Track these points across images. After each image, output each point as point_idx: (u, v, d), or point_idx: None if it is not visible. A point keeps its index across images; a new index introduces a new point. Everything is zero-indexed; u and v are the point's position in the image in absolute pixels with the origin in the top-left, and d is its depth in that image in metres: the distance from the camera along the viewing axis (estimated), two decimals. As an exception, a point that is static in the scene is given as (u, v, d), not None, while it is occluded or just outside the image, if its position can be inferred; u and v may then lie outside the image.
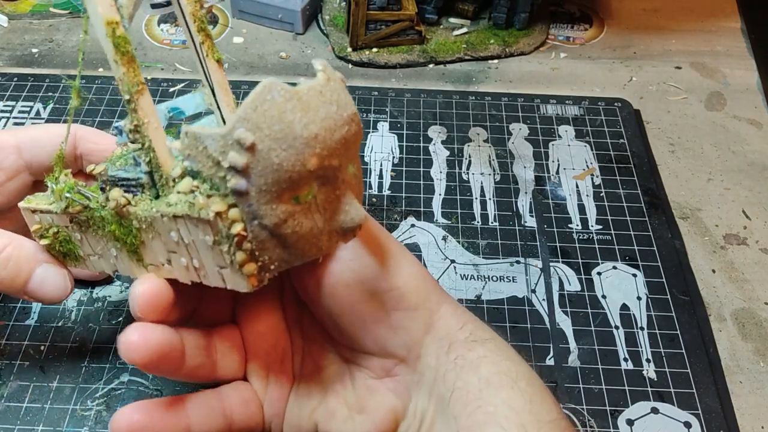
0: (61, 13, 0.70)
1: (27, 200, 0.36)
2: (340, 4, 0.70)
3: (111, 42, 0.29)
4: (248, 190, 0.28)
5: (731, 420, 0.42)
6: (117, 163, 0.32)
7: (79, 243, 0.36)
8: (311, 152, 0.28)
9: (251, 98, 0.27)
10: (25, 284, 0.36)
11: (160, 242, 0.32)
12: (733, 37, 0.70)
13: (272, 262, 0.30)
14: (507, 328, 0.46)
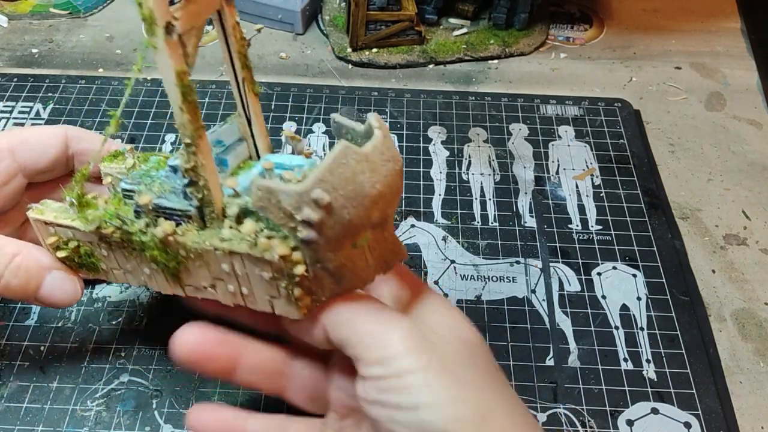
0: (61, 13, 0.70)
1: (37, 210, 0.37)
2: (340, 5, 0.70)
3: (179, 90, 0.31)
4: (317, 241, 0.30)
5: (731, 420, 0.42)
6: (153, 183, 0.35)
7: (103, 258, 0.37)
8: (375, 207, 0.31)
9: (329, 162, 0.29)
10: (36, 291, 0.37)
11: (206, 270, 0.34)
12: (733, 37, 0.70)
13: (324, 294, 0.32)
14: (507, 329, 0.46)
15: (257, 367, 0.36)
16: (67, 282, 0.37)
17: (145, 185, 0.35)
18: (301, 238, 0.30)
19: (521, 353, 0.45)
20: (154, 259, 0.34)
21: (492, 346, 0.45)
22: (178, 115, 0.32)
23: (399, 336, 0.31)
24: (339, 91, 0.62)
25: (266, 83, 0.63)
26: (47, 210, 0.37)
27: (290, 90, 0.62)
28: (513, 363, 0.45)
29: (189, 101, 0.31)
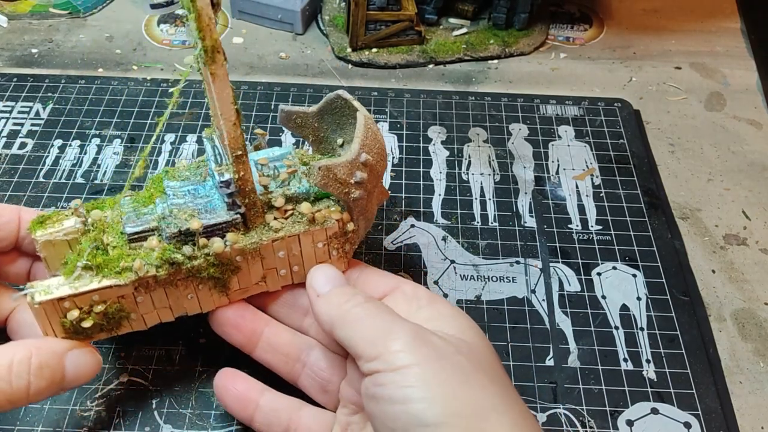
0: (61, 13, 0.70)
1: (42, 292, 0.34)
2: (340, 5, 0.70)
3: (234, 108, 0.34)
4: (363, 196, 0.38)
5: (731, 420, 0.42)
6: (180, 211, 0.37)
7: (138, 306, 0.36)
8: (386, 157, 0.40)
9: (362, 130, 0.37)
10: (63, 381, 0.35)
11: (260, 266, 0.38)
12: (733, 37, 0.70)
13: (358, 241, 0.41)
14: (507, 329, 0.46)
15: (277, 346, 0.39)
16: (86, 355, 0.36)
17: (173, 215, 0.36)
18: (354, 197, 0.38)
19: (521, 353, 0.45)
20: (210, 276, 0.37)
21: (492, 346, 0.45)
22: (231, 131, 0.34)
23: (399, 335, 0.32)
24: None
25: (266, 83, 0.63)
26: (52, 288, 0.34)
27: (290, 90, 0.62)
28: (513, 363, 0.45)
29: (240, 118, 0.35)
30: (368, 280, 0.39)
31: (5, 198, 0.53)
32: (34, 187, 0.54)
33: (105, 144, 0.57)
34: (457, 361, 0.31)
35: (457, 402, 0.29)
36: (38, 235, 0.37)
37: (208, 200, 0.38)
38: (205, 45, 0.31)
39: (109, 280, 0.35)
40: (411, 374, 0.30)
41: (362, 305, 0.34)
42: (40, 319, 0.35)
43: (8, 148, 0.56)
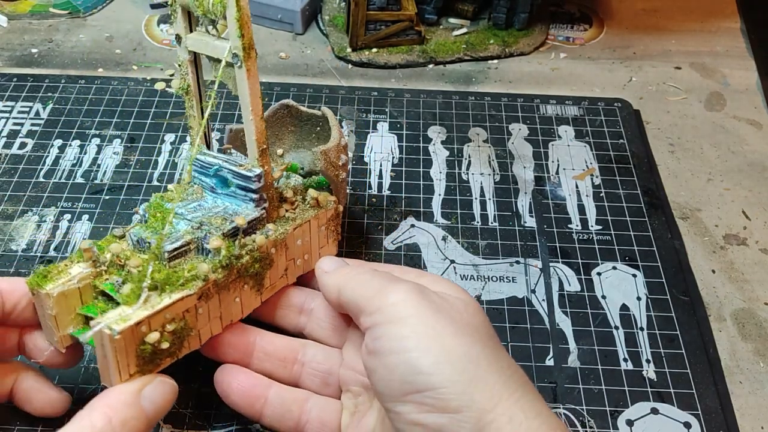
0: (61, 13, 0.70)
1: (120, 320, 0.32)
2: (340, 5, 0.70)
3: (261, 103, 0.37)
4: (346, 179, 0.44)
5: (731, 420, 0.42)
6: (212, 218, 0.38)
7: (199, 318, 0.36)
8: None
9: (336, 123, 0.43)
10: (151, 422, 0.33)
11: (284, 257, 0.40)
12: (732, 37, 0.70)
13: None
14: (507, 329, 0.46)
15: (272, 353, 0.39)
16: (159, 387, 0.34)
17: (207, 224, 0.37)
18: (342, 179, 0.42)
19: (521, 353, 0.45)
20: (253, 274, 0.38)
21: (492, 346, 0.45)
22: (260, 125, 0.37)
23: (398, 289, 0.34)
24: (339, 90, 0.62)
25: (266, 83, 0.63)
26: (125, 315, 0.33)
27: (290, 90, 0.62)
28: (513, 363, 0.45)
29: (263, 112, 0.37)
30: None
31: (5, 198, 0.53)
32: (34, 187, 0.54)
33: (105, 144, 0.57)
34: (452, 316, 0.33)
35: (449, 352, 0.31)
36: (50, 289, 0.34)
37: (224, 207, 0.39)
38: (243, 43, 0.34)
39: (178, 293, 0.34)
40: (408, 325, 0.32)
41: (366, 271, 0.37)
42: (117, 353, 0.32)
43: (8, 148, 0.56)
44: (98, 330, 0.32)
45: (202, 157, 0.39)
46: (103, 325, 0.32)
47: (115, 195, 0.53)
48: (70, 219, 0.51)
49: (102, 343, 0.32)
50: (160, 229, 0.37)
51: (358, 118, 0.60)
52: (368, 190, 0.54)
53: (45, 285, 0.34)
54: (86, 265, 0.36)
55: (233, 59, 0.35)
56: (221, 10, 0.34)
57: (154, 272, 0.34)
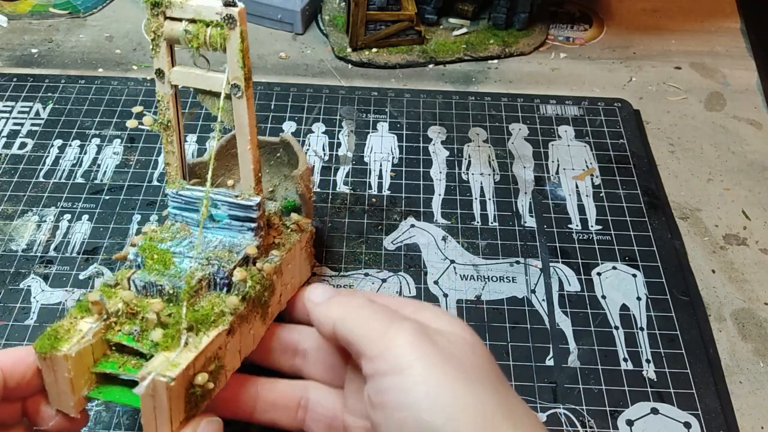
0: (61, 13, 0.70)
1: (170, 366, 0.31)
2: (340, 4, 0.70)
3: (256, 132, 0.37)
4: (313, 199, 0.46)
5: (731, 420, 0.42)
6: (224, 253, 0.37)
7: (225, 355, 0.35)
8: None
9: (300, 148, 0.45)
10: None
11: (279, 281, 0.39)
12: (733, 37, 0.70)
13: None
14: (507, 329, 0.46)
15: (275, 402, 0.37)
16: (209, 427, 0.33)
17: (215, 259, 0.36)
18: (313, 200, 0.45)
19: (521, 353, 0.45)
20: (263, 303, 0.37)
21: (492, 346, 0.45)
22: (255, 153, 0.37)
23: (402, 331, 0.31)
24: (339, 90, 0.62)
25: (266, 83, 0.63)
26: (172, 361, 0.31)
27: (290, 90, 0.62)
28: (513, 363, 0.45)
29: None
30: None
31: (5, 198, 0.53)
32: (34, 187, 0.54)
33: (105, 144, 0.57)
34: (460, 361, 0.31)
35: (463, 407, 0.29)
36: (68, 350, 0.32)
37: (220, 240, 0.38)
38: (246, 73, 0.34)
39: (213, 330, 0.33)
40: (415, 376, 0.29)
41: (364, 304, 0.34)
42: (172, 401, 0.31)
43: (8, 148, 0.56)
44: (151, 380, 0.30)
45: (186, 193, 0.38)
46: (154, 374, 0.30)
47: (115, 195, 0.53)
48: (70, 219, 0.51)
49: (154, 393, 0.30)
50: (164, 270, 0.36)
51: (358, 118, 0.60)
52: (368, 190, 0.54)
53: (60, 346, 0.32)
54: (93, 319, 0.34)
55: (232, 90, 0.35)
56: (221, 42, 0.34)
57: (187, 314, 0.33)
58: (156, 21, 0.35)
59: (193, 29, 0.34)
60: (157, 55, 0.36)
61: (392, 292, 0.48)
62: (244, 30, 0.34)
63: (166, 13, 0.35)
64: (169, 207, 0.39)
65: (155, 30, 0.36)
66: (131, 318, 0.34)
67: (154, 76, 0.38)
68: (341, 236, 0.51)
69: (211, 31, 0.34)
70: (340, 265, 0.49)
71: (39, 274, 0.48)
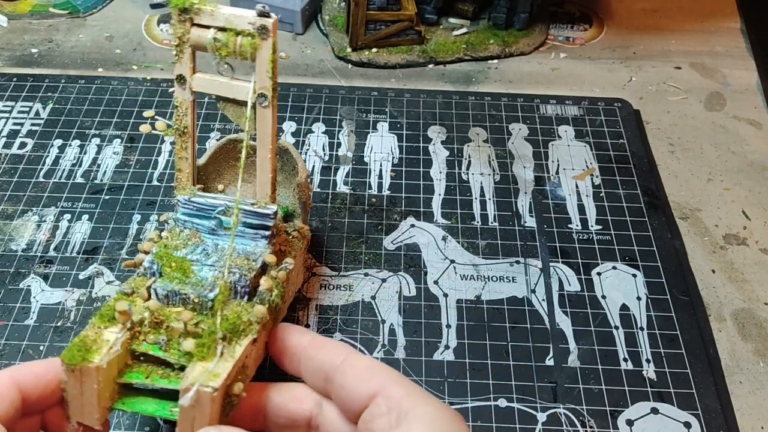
0: (61, 13, 0.70)
1: (211, 376, 0.30)
2: (340, 4, 0.70)
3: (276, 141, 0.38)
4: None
5: (731, 420, 0.42)
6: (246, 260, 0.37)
7: (250, 364, 0.34)
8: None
9: (296, 153, 0.45)
10: None
11: (290, 289, 0.40)
12: (732, 37, 0.70)
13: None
14: (507, 329, 0.46)
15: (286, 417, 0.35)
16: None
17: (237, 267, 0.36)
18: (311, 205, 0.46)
19: (521, 353, 0.45)
20: (278, 309, 0.37)
21: (492, 346, 0.45)
22: (274, 162, 0.37)
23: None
24: (339, 90, 0.62)
25: (266, 83, 0.62)
26: (212, 371, 0.31)
27: (290, 90, 0.62)
28: (513, 363, 0.45)
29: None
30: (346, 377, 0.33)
31: (5, 198, 0.53)
32: (34, 187, 0.54)
33: (105, 144, 0.57)
34: None
35: None
36: (99, 362, 0.31)
37: (233, 249, 0.37)
38: (273, 83, 0.35)
39: (243, 339, 0.33)
40: None
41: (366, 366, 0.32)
42: (213, 411, 0.31)
43: (8, 148, 0.56)
44: (195, 391, 0.30)
45: (199, 200, 0.38)
46: (197, 385, 0.30)
47: (115, 195, 0.53)
48: (70, 219, 0.51)
49: (196, 404, 0.30)
50: (185, 279, 0.35)
51: (358, 118, 0.60)
52: (368, 190, 0.54)
53: (91, 357, 0.31)
54: (118, 328, 0.33)
55: (258, 99, 0.35)
56: (251, 52, 0.34)
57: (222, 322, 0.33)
58: (182, 27, 0.35)
59: (223, 38, 0.34)
60: (180, 60, 0.36)
61: (392, 291, 0.48)
62: (275, 41, 0.34)
63: (193, 19, 0.35)
64: (178, 213, 0.39)
65: (181, 36, 0.35)
66: (156, 327, 0.33)
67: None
68: (341, 236, 0.51)
69: (242, 41, 0.34)
70: (339, 265, 0.49)
71: (39, 274, 0.48)
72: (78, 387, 0.32)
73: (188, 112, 0.38)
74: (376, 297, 0.48)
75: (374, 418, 0.31)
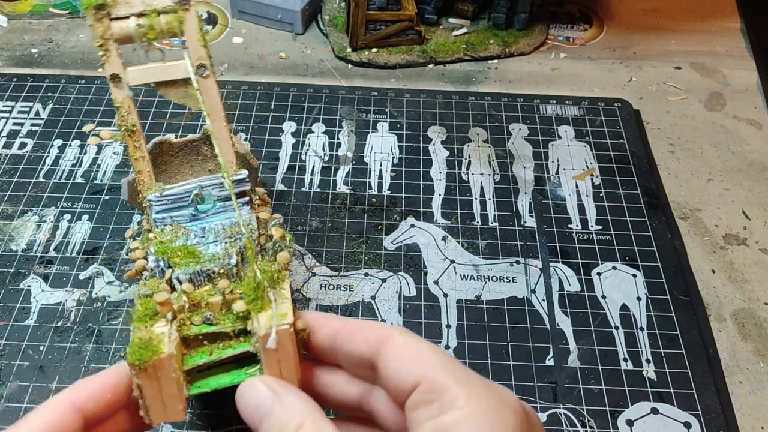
0: (61, 13, 0.70)
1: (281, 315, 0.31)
2: (340, 4, 0.70)
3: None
4: None
5: (731, 420, 0.42)
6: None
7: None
8: None
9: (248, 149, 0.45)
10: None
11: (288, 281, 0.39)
12: (732, 37, 0.70)
13: None
14: (507, 329, 0.46)
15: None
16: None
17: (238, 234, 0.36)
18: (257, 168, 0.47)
19: (521, 353, 0.45)
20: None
21: (492, 346, 0.45)
22: (228, 131, 0.36)
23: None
24: (339, 90, 0.62)
25: (266, 83, 0.63)
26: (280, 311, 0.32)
27: (290, 90, 0.62)
28: (513, 363, 0.45)
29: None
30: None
31: (5, 198, 0.53)
32: (34, 187, 0.54)
33: (105, 144, 0.57)
34: None
35: None
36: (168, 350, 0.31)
37: (221, 225, 0.37)
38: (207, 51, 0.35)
39: (284, 283, 0.34)
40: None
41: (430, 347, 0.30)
42: (294, 349, 0.31)
43: (8, 148, 0.56)
44: (275, 331, 0.30)
45: (171, 191, 0.37)
46: (275, 327, 0.31)
47: (115, 195, 0.53)
48: (70, 219, 0.51)
49: (278, 346, 0.31)
50: (199, 260, 0.35)
51: (358, 118, 0.60)
52: (368, 190, 0.54)
53: (161, 348, 0.31)
54: (163, 321, 0.32)
55: (199, 71, 0.35)
56: (178, 26, 0.34)
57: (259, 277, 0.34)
58: (101, 25, 0.35)
59: (146, 21, 0.35)
60: (108, 60, 0.36)
61: (392, 292, 0.48)
62: (197, 9, 0.34)
63: (110, 14, 0.35)
64: (153, 213, 0.37)
65: (103, 34, 0.35)
66: (195, 309, 0.34)
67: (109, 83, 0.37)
68: (341, 236, 0.51)
69: (166, 19, 0.34)
70: (340, 265, 0.49)
71: (39, 274, 0.48)
72: (155, 385, 0.31)
73: (132, 110, 0.37)
74: (376, 297, 0.48)
75: (417, 407, 0.30)
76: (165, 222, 0.38)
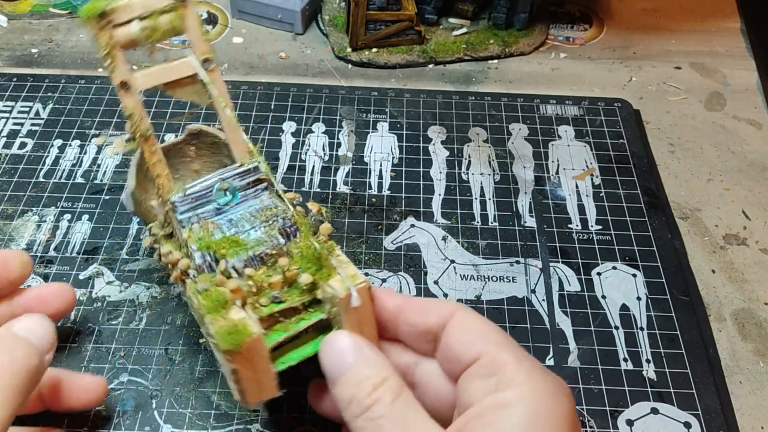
0: (61, 13, 0.70)
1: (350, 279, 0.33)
2: (340, 4, 0.70)
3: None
4: None
5: (731, 420, 0.42)
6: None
7: None
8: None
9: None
10: None
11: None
12: (732, 37, 0.70)
13: None
14: (507, 329, 0.46)
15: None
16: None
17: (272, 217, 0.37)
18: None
19: (521, 353, 0.45)
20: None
21: (492, 346, 0.45)
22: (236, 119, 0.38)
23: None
24: (339, 90, 0.62)
25: (266, 83, 0.63)
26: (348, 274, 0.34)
27: (290, 90, 0.62)
28: (513, 363, 0.45)
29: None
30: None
31: (5, 198, 0.53)
32: (34, 186, 0.54)
33: (105, 144, 0.57)
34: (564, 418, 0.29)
35: None
36: (257, 331, 0.33)
37: (249, 212, 0.38)
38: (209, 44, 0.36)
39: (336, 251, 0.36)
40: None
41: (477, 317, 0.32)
42: (371, 306, 0.34)
43: (8, 148, 0.56)
44: (355, 289, 0.33)
45: (194, 189, 0.38)
46: (352, 287, 0.33)
47: (115, 195, 0.53)
48: (70, 219, 0.51)
49: (358, 305, 0.33)
50: (247, 246, 0.36)
51: (358, 118, 0.60)
52: (368, 190, 0.55)
53: (249, 330, 0.32)
54: (236, 308, 0.34)
55: (205, 65, 0.36)
56: (181, 24, 0.35)
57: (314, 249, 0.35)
58: (105, 33, 0.35)
59: (149, 23, 0.35)
60: (116, 67, 0.36)
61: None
62: (195, 5, 0.35)
63: (112, 21, 0.35)
64: (177, 215, 0.37)
65: (108, 42, 0.35)
66: (260, 292, 0.35)
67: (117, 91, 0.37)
68: (341, 236, 0.51)
69: (169, 17, 0.35)
70: (340, 265, 0.49)
71: (39, 274, 0.48)
72: (250, 366, 0.33)
73: (143, 116, 0.37)
74: (376, 297, 0.48)
75: (473, 380, 0.31)
76: (192, 221, 0.38)
